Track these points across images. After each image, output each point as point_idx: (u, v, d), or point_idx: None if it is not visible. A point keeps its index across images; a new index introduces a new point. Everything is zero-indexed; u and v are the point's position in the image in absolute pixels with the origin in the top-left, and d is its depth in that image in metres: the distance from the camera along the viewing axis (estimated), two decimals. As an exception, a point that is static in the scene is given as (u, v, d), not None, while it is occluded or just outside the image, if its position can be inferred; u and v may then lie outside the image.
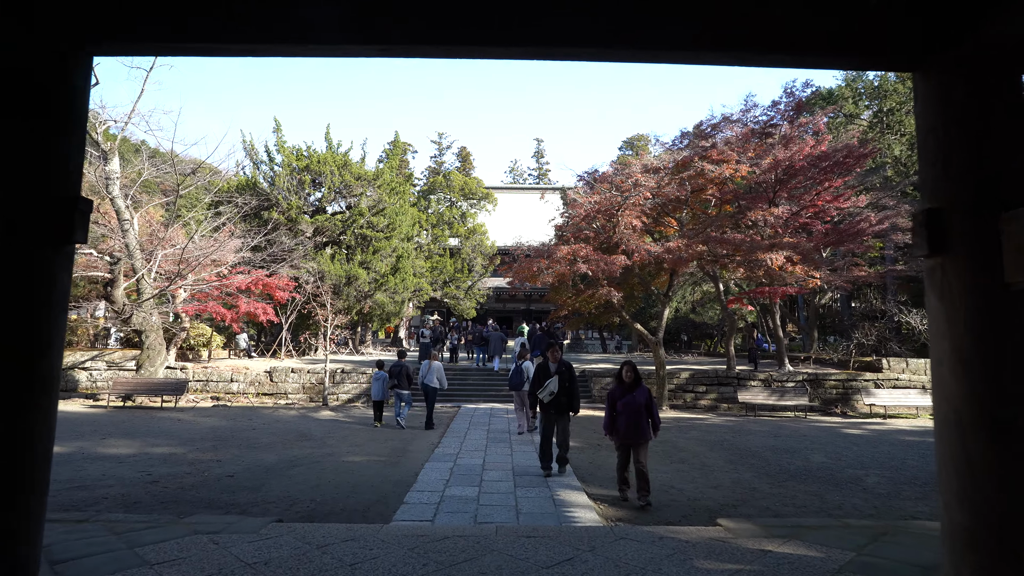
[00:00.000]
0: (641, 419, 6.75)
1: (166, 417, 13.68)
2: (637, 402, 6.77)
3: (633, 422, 6.73)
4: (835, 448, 11.23)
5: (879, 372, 18.85)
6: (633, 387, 6.89)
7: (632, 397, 6.79)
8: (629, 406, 6.75)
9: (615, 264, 14.42)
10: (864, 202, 20.11)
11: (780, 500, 7.36)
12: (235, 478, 7.94)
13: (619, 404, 6.83)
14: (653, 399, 6.98)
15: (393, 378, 13.32)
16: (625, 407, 6.76)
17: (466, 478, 8.04)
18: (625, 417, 6.76)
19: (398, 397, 13.29)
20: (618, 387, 7.05)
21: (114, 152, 15.62)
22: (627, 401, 6.77)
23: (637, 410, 6.74)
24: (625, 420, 6.76)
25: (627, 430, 6.77)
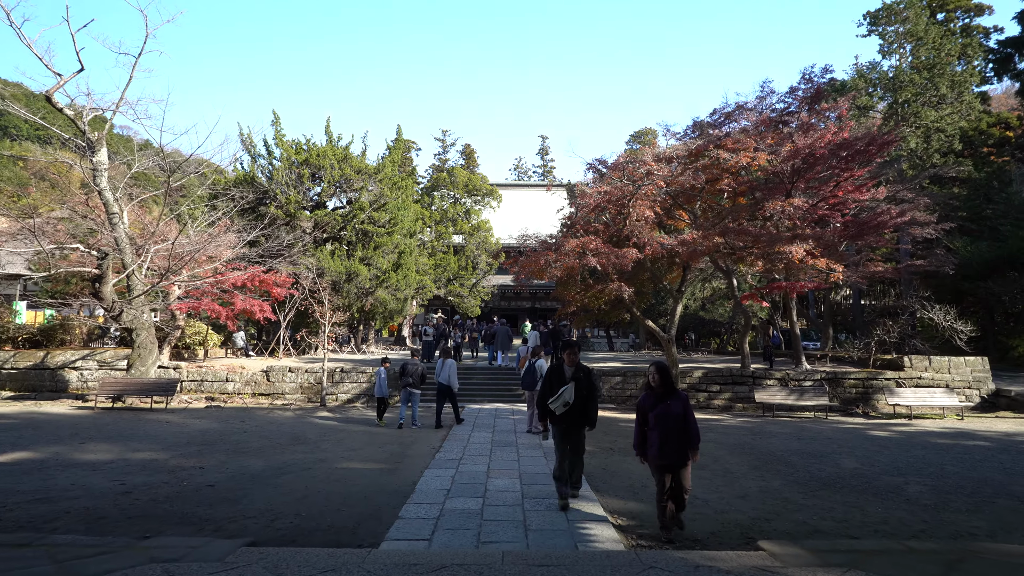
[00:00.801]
0: (679, 434, 5.45)
1: (154, 419, 13.02)
2: (672, 413, 5.47)
3: (670, 438, 5.43)
4: (865, 452, 10.46)
5: (900, 370, 18.04)
6: (666, 394, 5.59)
7: (666, 407, 5.51)
8: (663, 419, 5.48)
9: (626, 257, 13.67)
10: (883, 194, 19.30)
11: (817, 513, 6.63)
12: (216, 488, 7.25)
13: (651, 416, 5.59)
14: (691, 408, 5.64)
15: (407, 376, 12.79)
16: (659, 420, 5.50)
17: (469, 487, 7.33)
18: (659, 432, 5.47)
19: (410, 397, 12.79)
20: (648, 395, 5.70)
21: (101, 142, 14.96)
22: (660, 412, 5.51)
23: (673, 423, 5.45)
24: (659, 436, 5.47)
25: (663, 449, 5.46)
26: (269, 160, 24.78)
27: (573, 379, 6.36)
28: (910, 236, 24.59)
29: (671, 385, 5.70)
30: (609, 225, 15.65)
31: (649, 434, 5.61)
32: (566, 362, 6.51)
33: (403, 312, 28.27)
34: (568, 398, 6.21)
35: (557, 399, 6.26)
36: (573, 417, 6.32)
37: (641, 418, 5.73)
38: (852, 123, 16.83)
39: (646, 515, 6.42)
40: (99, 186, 15.01)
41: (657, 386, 5.66)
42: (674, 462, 5.47)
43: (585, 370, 6.52)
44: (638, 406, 5.81)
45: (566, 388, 6.26)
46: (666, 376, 5.69)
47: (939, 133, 30.81)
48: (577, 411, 6.29)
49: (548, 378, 6.55)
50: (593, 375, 6.67)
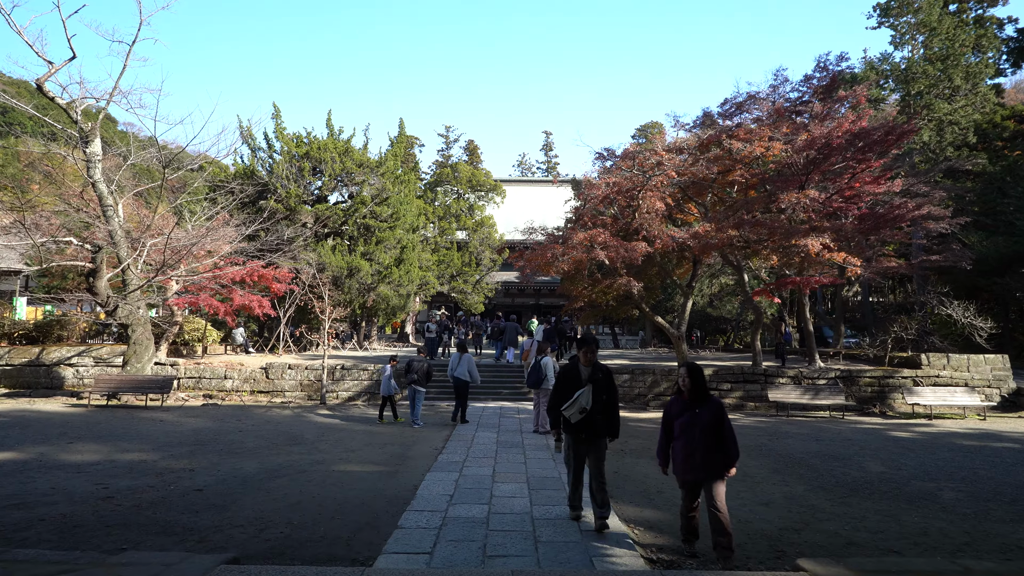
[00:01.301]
0: (708, 445, 4.75)
1: (148, 417, 12.60)
2: (702, 421, 4.78)
3: (696, 450, 4.76)
4: (889, 455, 9.96)
5: (917, 368, 17.50)
6: (697, 400, 4.89)
7: (694, 415, 4.83)
8: (690, 428, 4.82)
9: (636, 251, 13.18)
10: (899, 186, 18.72)
11: (849, 523, 6.14)
12: (204, 493, 6.81)
13: (677, 424, 4.91)
14: (727, 417, 4.88)
15: (412, 373, 12.34)
16: (685, 429, 4.84)
17: (473, 493, 6.87)
18: (684, 443, 4.83)
19: (415, 394, 12.39)
20: (676, 400, 5.06)
21: (95, 133, 14.52)
22: (687, 420, 4.85)
23: (702, 434, 4.77)
24: (684, 447, 4.82)
25: (688, 462, 4.80)
26: (269, 153, 24.35)
27: (590, 381, 5.44)
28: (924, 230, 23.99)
29: (703, 390, 4.95)
30: (617, 218, 15.15)
31: (674, 444, 4.96)
32: (581, 361, 5.59)
33: (406, 308, 27.83)
34: (585, 403, 5.33)
35: (572, 405, 5.36)
36: (591, 426, 5.43)
37: (666, 425, 5.07)
38: (871, 111, 16.23)
39: (664, 524, 5.95)
40: (93, 178, 14.59)
41: (688, 391, 4.94)
42: (700, 478, 4.81)
43: (604, 370, 5.59)
44: (664, 411, 5.17)
45: (582, 392, 5.37)
46: (698, 380, 4.94)
47: (953, 126, 30.20)
48: (596, 418, 5.41)
49: (561, 380, 5.62)
50: (613, 376, 5.72)
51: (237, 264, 18.42)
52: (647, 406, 16.33)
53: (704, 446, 4.76)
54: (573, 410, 5.37)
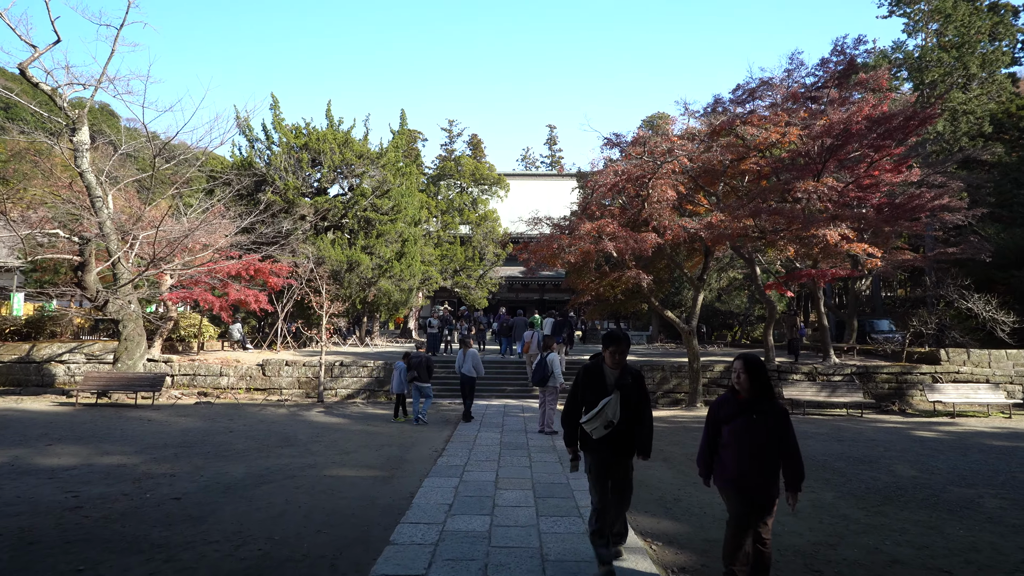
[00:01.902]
0: (767, 460, 3.79)
1: (136, 417, 12.09)
2: (760, 430, 3.80)
3: (751, 465, 3.79)
4: (917, 457, 9.36)
5: (936, 364, 16.88)
6: (755, 403, 3.85)
7: (751, 423, 3.82)
8: (745, 435, 3.82)
9: (645, 242, 12.58)
10: (917, 176, 18.04)
11: (888, 536, 5.56)
12: (182, 502, 6.27)
13: (726, 430, 3.93)
14: (792, 427, 3.89)
15: (412, 370, 12.07)
16: (739, 437, 3.84)
17: (474, 501, 6.31)
18: (735, 453, 3.85)
19: (418, 391, 12.10)
20: (727, 400, 4.03)
21: (82, 121, 13.97)
22: (741, 427, 3.84)
23: (759, 445, 3.79)
24: (735, 457, 3.84)
25: (741, 479, 3.83)
26: (268, 145, 23.78)
27: (618, 387, 4.31)
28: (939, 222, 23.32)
29: (766, 390, 3.88)
30: (626, 208, 14.54)
31: (722, 452, 3.99)
32: (607, 362, 4.42)
33: (408, 304, 27.30)
34: (611, 415, 4.24)
35: (595, 417, 4.25)
36: (618, 443, 4.33)
37: (712, 429, 4.08)
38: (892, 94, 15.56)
39: (684, 538, 5.38)
40: (80, 167, 14.06)
41: (745, 390, 3.88)
42: (755, 498, 3.81)
43: (634, 374, 4.43)
44: (710, 412, 4.13)
45: (608, 401, 4.24)
46: (759, 377, 3.86)
47: (967, 115, 29.44)
48: (623, 434, 4.32)
49: (580, 385, 4.49)
50: (644, 381, 4.57)
51: (233, 258, 17.90)
52: (656, 403, 15.75)
53: (762, 459, 3.80)
54: (596, 424, 4.25)
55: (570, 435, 4.55)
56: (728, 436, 3.95)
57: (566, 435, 4.57)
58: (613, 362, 4.39)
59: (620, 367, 4.41)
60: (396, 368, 12.73)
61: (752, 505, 3.84)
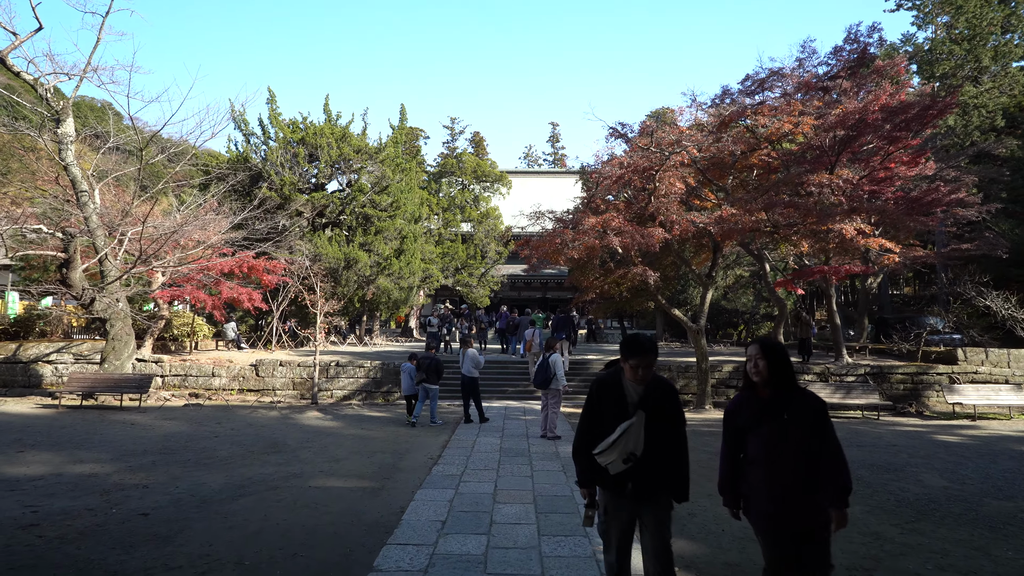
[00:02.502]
0: (808, 472, 2.92)
1: (119, 420, 11.56)
2: (793, 434, 2.94)
3: (795, 482, 2.92)
4: (944, 464, 8.78)
5: (953, 364, 16.27)
6: (782, 398, 3.01)
7: (782, 425, 2.97)
8: (781, 446, 2.96)
9: (653, 237, 12.01)
10: (932, 169, 17.44)
11: (930, 559, 4.98)
12: (149, 518, 5.73)
13: (751, 439, 3.08)
14: (831, 426, 2.99)
15: (421, 372, 11.76)
16: (772, 449, 2.97)
17: (470, 518, 5.76)
18: (769, 471, 2.97)
19: (426, 392, 11.83)
20: (745, 400, 3.17)
21: (67, 112, 13.45)
22: (773, 435, 2.98)
23: (802, 453, 2.93)
24: (770, 477, 2.97)
25: (776, 502, 2.95)
26: (264, 139, 23.25)
27: (643, 408, 3.24)
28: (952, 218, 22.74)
29: (790, 382, 3.02)
30: (631, 202, 13.98)
31: (748, 470, 3.08)
32: (628, 376, 3.32)
33: (408, 302, 26.76)
34: (633, 445, 3.18)
35: (612, 447, 3.18)
36: (642, 482, 3.23)
37: (733, 442, 3.19)
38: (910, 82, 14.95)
39: (703, 561, 4.82)
40: (65, 161, 13.54)
41: (765, 380, 3.00)
42: (796, 523, 2.94)
43: (665, 389, 3.34)
44: (726, 420, 3.26)
45: (629, 426, 3.18)
46: (780, 365, 2.99)
47: (979, 109, 28.76)
48: (650, 470, 3.21)
49: (594, 405, 3.42)
50: (679, 397, 3.45)
51: (226, 255, 17.38)
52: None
53: (805, 476, 2.91)
54: (613, 455, 3.19)
55: (583, 471, 3.40)
56: (756, 449, 3.02)
57: (578, 472, 3.45)
58: (635, 376, 3.29)
59: (646, 383, 3.30)
60: (403, 370, 12.37)
61: (797, 542, 2.93)
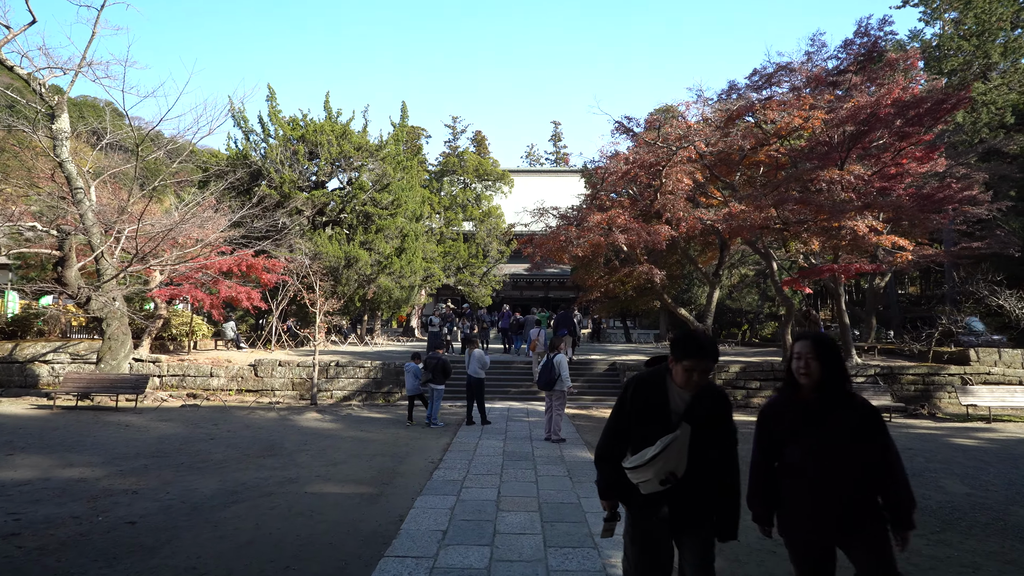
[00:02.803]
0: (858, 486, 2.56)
1: (114, 421, 11.31)
2: (844, 445, 2.56)
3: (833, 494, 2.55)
4: (964, 469, 8.48)
5: (966, 364, 15.95)
6: (831, 403, 2.62)
7: (827, 434, 2.59)
8: (822, 453, 2.59)
9: (659, 235, 11.74)
10: (943, 166, 17.10)
11: (962, 573, 4.69)
12: (137, 526, 5.46)
13: (791, 449, 2.69)
14: (887, 433, 2.61)
15: (428, 371, 11.61)
16: (813, 455, 2.61)
17: (472, 527, 5.48)
18: (809, 481, 2.61)
19: (432, 393, 11.64)
20: (783, 402, 2.79)
21: (62, 108, 13.21)
22: (819, 444, 2.60)
23: (848, 463, 2.56)
24: (811, 487, 2.61)
25: (820, 515, 2.58)
26: (264, 137, 23.00)
27: (688, 420, 2.71)
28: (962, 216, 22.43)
29: (843, 386, 2.63)
30: (637, 199, 13.70)
31: (787, 483, 2.69)
32: (677, 381, 2.76)
33: (410, 301, 26.50)
34: (674, 465, 2.67)
35: (648, 464, 2.66)
36: (681, 508, 2.72)
37: (766, 446, 2.78)
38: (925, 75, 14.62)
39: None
40: (60, 157, 13.30)
41: (815, 382, 2.60)
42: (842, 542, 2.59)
43: (717, 399, 2.81)
44: (760, 423, 2.82)
45: (671, 441, 2.65)
46: (834, 365, 2.60)
47: (988, 106, 28.40)
48: (692, 495, 2.71)
49: (628, 407, 2.88)
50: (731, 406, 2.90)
51: (225, 253, 17.14)
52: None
53: (854, 489, 2.53)
54: (648, 474, 2.66)
55: (607, 483, 2.91)
56: (798, 459, 2.60)
57: (600, 483, 2.97)
58: (687, 383, 2.72)
59: (696, 387, 2.74)
60: (407, 370, 12.13)
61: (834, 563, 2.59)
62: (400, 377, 16.01)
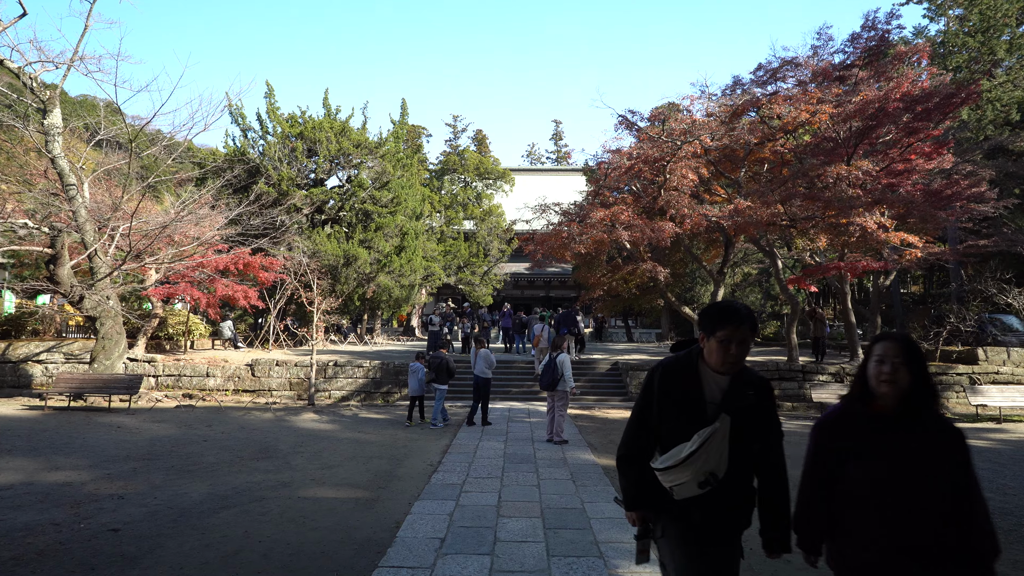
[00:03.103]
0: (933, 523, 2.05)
1: (106, 423, 11.07)
2: (924, 471, 2.08)
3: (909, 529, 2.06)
4: (980, 472, 7.96)
5: (974, 364, 15.71)
6: (911, 423, 2.13)
7: (905, 458, 2.10)
8: (897, 479, 2.09)
9: (663, 232, 11.48)
10: (951, 162, 16.82)
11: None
12: (120, 533, 5.21)
13: (855, 469, 2.17)
14: (972, 462, 2.16)
15: (432, 371, 11.52)
16: (886, 480, 2.10)
17: (472, 535, 5.23)
18: (879, 512, 2.10)
19: (436, 393, 11.52)
20: (851, 415, 2.28)
21: (54, 103, 12.97)
22: (889, 467, 2.11)
23: (923, 495, 2.07)
24: (880, 519, 2.10)
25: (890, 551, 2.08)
26: (262, 134, 22.76)
27: (727, 410, 2.30)
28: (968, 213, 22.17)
29: (930, 398, 2.16)
30: (640, 196, 13.44)
31: (849, 511, 2.19)
32: (713, 361, 2.35)
33: (410, 300, 26.26)
34: (714, 463, 2.26)
35: (685, 464, 2.24)
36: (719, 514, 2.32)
37: (823, 463, 2.29)
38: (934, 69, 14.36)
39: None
40: (52, 153, 13.06)
41: (899, 395, 2.13)
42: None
43: (758, 385, 2.40)
44: (818, 436, 2.33)
45: (711, 435, 2.24)
46: (925, 375, 2.17)
47: (993, 103, 28.13)
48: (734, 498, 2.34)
49: (655, 399, 2.41)
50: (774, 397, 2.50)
51: (221, 251, 16.90)
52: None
53: (935, 522, 2.07)
54: (685, 475, 2.25)
55: (633, 489, 2.45)
56: (865, 483, 2.15)
57: (626, 485, 2.47)
58: (724, 360, 2.29)
59: (735, 370, 2.33)
60: (412, 370, 11.91)
61: None
62: (399, 377, 15.78)
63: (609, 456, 8.81)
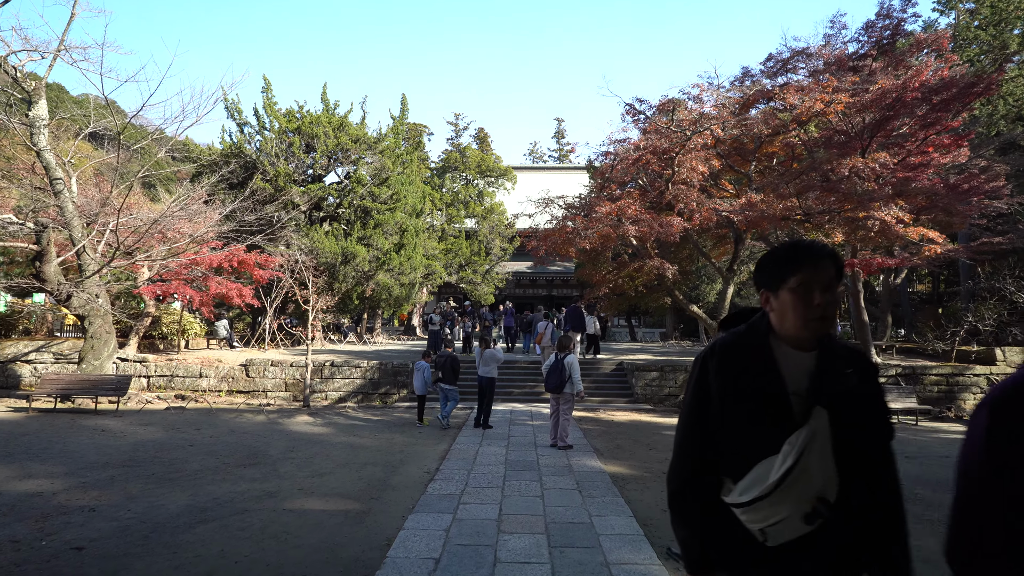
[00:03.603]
0: None
1: (90, 426, 10.61)
2: None
3: None
4: None
5: (992, 364, 15.20)
6: None
7: None
8: None
9: (672, 227, 10.99)
10: (966, 156, 16.29)
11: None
12: (84, 552, 4.74)
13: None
14: None
15: (438, 370, 11.21)
16: None
17: (470, 553, 4.75)
18: None
19: (443, 393, 11.17)
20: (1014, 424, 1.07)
21: (39, 94, 12.52)
22: None
23: None
24: None
25: None
26: (259, 129, 22.29)
27: (818, 400, 1.52)
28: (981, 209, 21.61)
29: None
30: (647, 190, 12.94)
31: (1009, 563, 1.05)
32: (786, 330, 1.60)
33: (411, 299, 25.79)
34: (820, 484, 1.48)
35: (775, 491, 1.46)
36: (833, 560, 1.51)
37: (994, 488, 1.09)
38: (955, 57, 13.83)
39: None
40: (37, 146, 12.61)
41: None
42: None
43: (854, 360, 1.60)
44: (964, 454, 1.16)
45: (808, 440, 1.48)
46: None
47: (1005, 98, 27.59)
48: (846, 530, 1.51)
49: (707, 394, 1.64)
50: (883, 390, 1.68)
51: (215, 248, 16.44)
52: (679, 407, 14.15)
53: None
54: (782, 508, 1.48)
55: (695, 540, 1.65)
56: None
57: (685, 538, 1.68)
58: (808, 318, 1.55)
59: (825, 332, 1.60)
60: (417, 368, 11.58)
61: None
62: (398, 378, 15.34)
63: (617, 463, 8.32)
